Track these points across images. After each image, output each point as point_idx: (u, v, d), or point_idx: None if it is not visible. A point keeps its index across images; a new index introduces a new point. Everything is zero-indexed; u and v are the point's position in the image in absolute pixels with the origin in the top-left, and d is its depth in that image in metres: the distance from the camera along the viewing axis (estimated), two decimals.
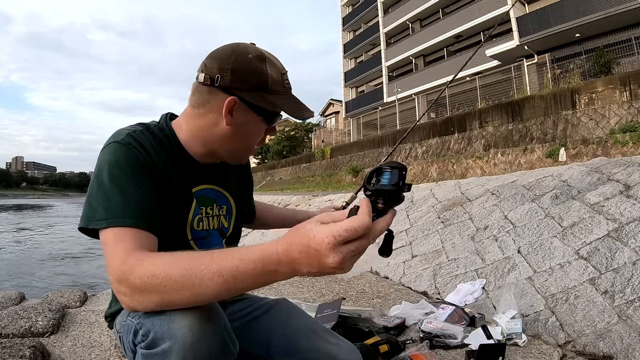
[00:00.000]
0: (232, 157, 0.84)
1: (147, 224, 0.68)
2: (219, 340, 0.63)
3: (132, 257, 0.60)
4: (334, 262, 0.48)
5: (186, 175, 0.82)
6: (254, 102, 0.75)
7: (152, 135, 0.78)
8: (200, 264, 0.55)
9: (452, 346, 1.57)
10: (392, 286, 2.61)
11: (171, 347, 0.58)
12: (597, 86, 9.81)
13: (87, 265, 7.47)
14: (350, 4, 27.64)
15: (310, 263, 0.50)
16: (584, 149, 8.32)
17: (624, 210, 2.31)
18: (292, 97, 0.81)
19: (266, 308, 0.91)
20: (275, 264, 0.52)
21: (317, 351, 0.81)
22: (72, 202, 57.39)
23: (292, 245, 0.51)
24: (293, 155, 27.68)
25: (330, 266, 0.49)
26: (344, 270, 0.50)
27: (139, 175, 0.71)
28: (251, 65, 0.75)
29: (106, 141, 0.75)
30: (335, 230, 0.48)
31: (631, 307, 1.64)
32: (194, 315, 0.59)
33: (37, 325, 1.58)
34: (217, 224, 0.89)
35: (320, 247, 0.48)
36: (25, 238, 12.31)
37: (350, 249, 0.49)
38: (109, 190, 0.68)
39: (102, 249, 0.66)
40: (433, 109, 17.36)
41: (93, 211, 0.68)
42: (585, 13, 12.09)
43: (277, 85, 0.77)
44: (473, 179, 4.76)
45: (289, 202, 9.60)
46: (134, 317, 0.66)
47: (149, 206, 0.70)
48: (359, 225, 0.48)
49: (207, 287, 0.55)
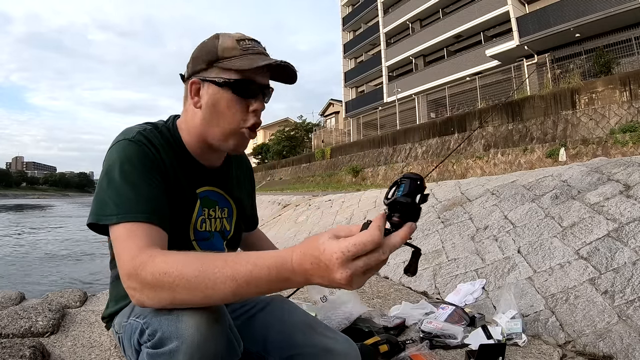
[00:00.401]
0: (222, 142, 0.80)
1: (158, 219, 0.68)
2: (225, 340, 0.63)
3: (144, 253, 0.60)
4: (342, 278, 0.47)
5: (190, 176, 0.83)
6: (211, 76, 0.76)
7: (160, 135, 0.80)
8: (214, 266, 0.55)
9: (452, 346, 1.57)
10: (392, 286, 2.60)
11: (179, 346, 0.58)
12: (597, 86, 9.81)
13: (88, 265, 7.48)
14: (350, 4, 27.64)
15: (321, 275, 0.49)
16: (584, 149, 8.32)
17: (624, 210, 2.31)
18: (252, 56, 0.76)
19: (262, 305, 0.91)
20: (289, 272, 0.52)
21: (314, 346, 0.82)
22: (72, 202, 57.42)
23: (305, 256, 0.51)
24: (293, 155, 27.68)
25: (338, 282, 0.48)
26: (353, 287, 0.49)
27: (150, 172, 0.72)
28: (205, 47, 0.78)
29: (115, 138, 0.76)
30: (344, 246, 0.47)
31: (631, 307, 1.64)
32: (201, 316, 0.59)
33: (37, 325, 1.58)
34: (220, 226, 0.89)
35: (329, 262, 0.48)
36: (25, 238, 12.31)
37: (359, 265, 0.47)
38: (120, 186, 0.68)
39: (112, 244, 0.66)
40: (433, 109, 17.37)
41: (103, 207, 0.68)
42: (585, 13, 12.10)
43: (231, 51, 0.76)
44: (473, 179, 4.76)
45: (289, 201, 9.60)
46: (139, 317, 0.66)
47: (160, 202, 0.71)
48: (367, 240, 0.47)
49: (219, 290, 0.54)
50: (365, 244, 0.47)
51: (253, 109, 0.78)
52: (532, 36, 13.75)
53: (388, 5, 23.02)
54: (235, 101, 0.77)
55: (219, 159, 0.89)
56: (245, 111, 0.78)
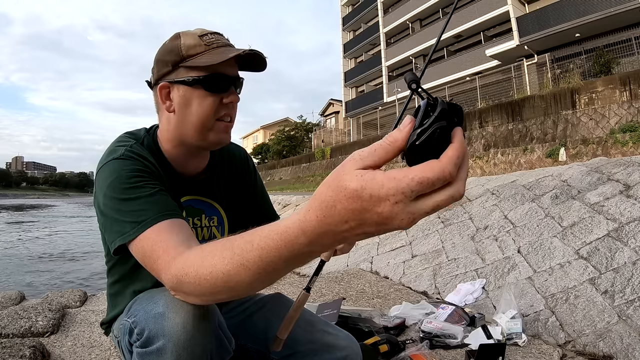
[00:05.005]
0: (201, 140, 0.79)
1: (174, 213, 0.67)
2: (213, 337, 0.63)
3: (174, 261, 0.57)
4: (402, 225, 0.36)
5: (173, 186, 0.82)
6: (179, 77, 0.76)
7: (144, 147, 0.79)
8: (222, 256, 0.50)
9: (452, 346, 1.57)
10: (392, 286, 2.60)
11: (165, 345, 0.58)
12: (597, 86, 9.81)
13: (88, 265, 7.47)
14: (350, 4, 27.62)
15: (368, 226, 0.37)
16: (584, 148, 8.32)
17: (624, 210, 2.31)
18: (217, 50, 0.75)
19: (262, 303, 0.92)
20: (306, 244, 0.41)
21: (315, 342, 0.82)
22: (72, 202, 57.40)
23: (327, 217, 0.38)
24: (293, 155, 27.68)
25: (396, 227, 0.36)
26: (411, 226, 0.36)
27: (150, 180, 0.72)
28: (167, 49, 0.77)
29: (101, 161, 0.74)
30: (405, 185, 0.34)
31: (631, 307, 1.64)
32: (187, 313, 0.59)
33: (37, 325, 1.58)
34: (208, 234, 0.88)
35: (384, 210, 0.35)
36: (25, 238, 12.31)
37: (427, 206, 0.35)
38: (127, 201, 0.67)
39: (141, 260, 0.63)
40: None
41: (123, 226, 0.65)
42: (585, 13, 12.09)
43: (195, 48, 0.75)
44: (473, 179, 4.75)
45: (289, 201, 9.60)
46: (129, 317, 0.66)
47: (169, 200, 0.70)
48: (436, 176, 0.34)
49: (243, 278, 0.48)
50: (433, 181, 0.34)
51: (227, 102, 0.78)
52: (532, 36, 13.74)
53: (388, 5, 23.01)
54: (209, 97, 0.76)
55: (200, 164, 0.87)
56: (219, 105, 0.77)
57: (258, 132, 42.97)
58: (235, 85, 0.79)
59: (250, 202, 0.99)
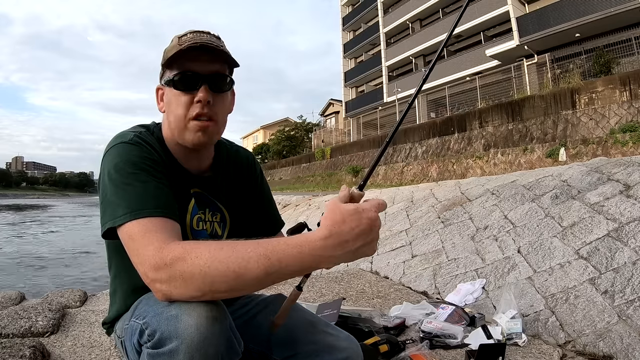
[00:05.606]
0: (181, 139, 0.80)
1: (171, 213, 0.69)
2: (225, 339, 0.63)
3: (171, 243, 0.62)
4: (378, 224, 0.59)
5: (180, 177, 0.83)
6: (164, 79, 0.80)
7: (153, 136, 0.81)
8: (246, 246, 0.59)
9: (452, 346, 1.57)
10: (392, 286, 2.60)
11: (178, 346, 0.58)
12: (597, 86, 9.81)
13: (88, 265, 7.48)
14: (350, 4, 27.62)
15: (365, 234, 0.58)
16: (584, 148, 8.33)
17: (624, 210, 2.31)
18: (186, 49, 0.75)
19: (264, 304, 0.92)
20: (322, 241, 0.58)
21: (316, 343, 0.82)
22: (72, 202, 57.40)
23: (334, 233, 0.57)
24: (293, 155, 27.68)
25: (379, 227, 0.60)
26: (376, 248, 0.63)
27: (153, 170, 0.73)
28: (164, 54, 0.80)
29: (110, 142, 0.76)
30: (375, 202, 0.61)
31: (631, 307, 1.64)
32: (200, 315, 0.59)
33: (37, 325, 1.58)
34: (210, 229, 0.89)
35: (371, 215, 0.58)
36: (25, 238, 12.31)
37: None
38: (127, 186, 0.68)
39: (127, 243, 0.65)
40: (433, 109, 17.36)
41: (115, 210, 0.67)
42: (585, 13, 12.09)
43: (172, 49, 0.77)
44: (473, 179, 4.75)
45: (289, 201, 9.60)
46: (139, 318, 0.66)
47: (170, 197, 0.72)
48: (382, 201, 0.62)
49: (252, 270, 0.57)
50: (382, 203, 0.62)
51: (197, 100, 0.77)
52: (532, 36, 13.74)
53: (388, 5, 23.01)
54: (179, 96, 0.77)
55: (201, 162, 0.88)
56: (191, 104, 0.77)
57: (258, 132, 42.96)
58: (211, 83, 0.78)
59: (255, 206, 0.99)
